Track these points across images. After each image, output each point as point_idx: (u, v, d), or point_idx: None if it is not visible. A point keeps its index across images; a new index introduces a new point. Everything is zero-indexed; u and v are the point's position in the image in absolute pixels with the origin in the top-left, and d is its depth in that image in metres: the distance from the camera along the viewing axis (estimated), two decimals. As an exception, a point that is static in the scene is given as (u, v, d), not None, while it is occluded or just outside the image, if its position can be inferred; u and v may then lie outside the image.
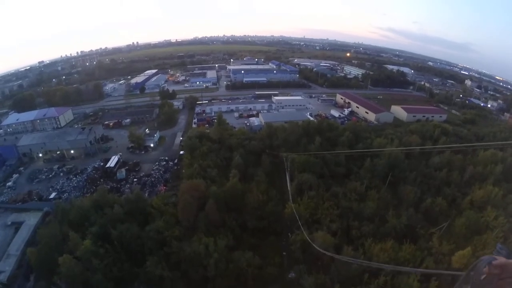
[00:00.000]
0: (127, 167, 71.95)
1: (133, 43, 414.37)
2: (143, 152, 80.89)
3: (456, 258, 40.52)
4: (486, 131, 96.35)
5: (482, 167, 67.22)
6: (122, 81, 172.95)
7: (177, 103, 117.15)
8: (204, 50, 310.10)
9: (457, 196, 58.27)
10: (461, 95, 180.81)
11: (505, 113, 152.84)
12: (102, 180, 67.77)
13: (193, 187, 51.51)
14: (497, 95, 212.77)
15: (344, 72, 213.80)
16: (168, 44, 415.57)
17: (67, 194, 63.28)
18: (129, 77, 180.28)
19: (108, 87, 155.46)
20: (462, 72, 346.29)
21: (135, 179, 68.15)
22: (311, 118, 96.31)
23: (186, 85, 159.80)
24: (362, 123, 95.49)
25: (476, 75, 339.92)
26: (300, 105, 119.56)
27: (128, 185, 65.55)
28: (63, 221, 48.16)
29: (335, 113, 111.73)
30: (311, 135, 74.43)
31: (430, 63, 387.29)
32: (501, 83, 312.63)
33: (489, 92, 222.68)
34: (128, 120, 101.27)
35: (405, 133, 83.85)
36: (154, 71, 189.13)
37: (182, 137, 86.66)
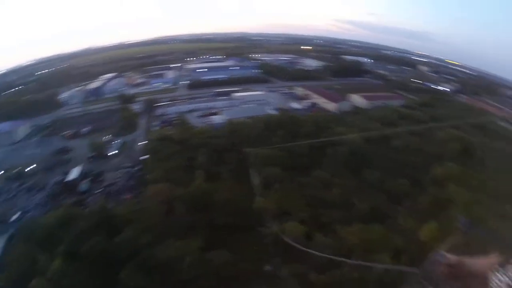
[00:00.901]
0: (90, 178, 69.00)
1: (89, 46, 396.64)
2: (105, 160, 77.91)
3: (424, 233, 42.50)
4: (442, 113, 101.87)
5: (441, 146, 71.37)
6: (80, 88, 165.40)
7: (136, 107, 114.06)
8: (164, 50, 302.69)
9: (419, 175, 61.17)
10: (416, 80, 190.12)
11: (461, 95, 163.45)
12: (65, 194, 64.42)
13: (159, 191, 50.59)
14: (451, 78, 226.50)
15: (303, 64, 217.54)
16: (127, 45, 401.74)
17: (31, 213, 59.46)
18: (87, 82, 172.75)
19: (66, 95, 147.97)
20: (416, 58, 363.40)
21: (99, 190, 65.47)
22: (273, 112, 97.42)
23: (145, 87, 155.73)
24: (323, 114, 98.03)
25: (430, 60, 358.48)
26: (261, 100, 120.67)
27: (92, 197, 62.90)
28: (30, 242, 45.21)
29: (296, 105, 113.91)
30: (274, 129, 75.39)
31: (386, 51, 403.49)
32: (455, 67, 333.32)
33: (443, 76, 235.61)
34: (87, 129, 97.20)
35: (364, 120, 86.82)
36: (112, 75, 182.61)
37: (144, 141, 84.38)
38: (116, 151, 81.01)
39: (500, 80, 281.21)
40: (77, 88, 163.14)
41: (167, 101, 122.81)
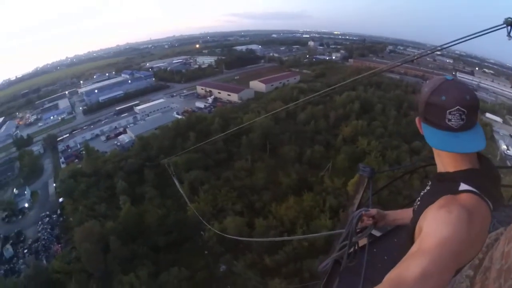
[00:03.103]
0: (11, 241, 61.19)
1: None
2: (20, 217, 69.21)
3: (350, 187, 47.72)
4: (336, 79, 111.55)
5: (343, 109, 79.42)
6: None
7: (36, 148, 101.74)
8: (49, 79, 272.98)
9: (330, 139, 68.14)
10: (307, 56, 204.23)
11: (349, 60, 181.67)
12: None
13: (87, 232, 47.04)
14: (338, 47, 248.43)
15: (198, 63, 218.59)
16: (8, 84, 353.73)
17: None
18: None
19: None
20: (304, 36, 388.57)
21: (25, 251, 58.48)
22: (179, 117, 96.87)
23: (40, 124, 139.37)
24: (228, 106, 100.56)
25: (317, 35, 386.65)
26: (165, 108, 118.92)
27: (21, 261, 56.29)
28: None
29: (200, 104, 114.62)
30: (184, 133, 75.16)
31: (274, 35, 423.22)
32: (339, 36, 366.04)
33: (331, 46, 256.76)
34: None
35: (268, 102, 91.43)
36: (0, 119, 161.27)
37: (54, 183, 77.53)
38: (28, 203, 72.81)
39: (381, 39, 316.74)
40: None
41: (67, 133, 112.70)
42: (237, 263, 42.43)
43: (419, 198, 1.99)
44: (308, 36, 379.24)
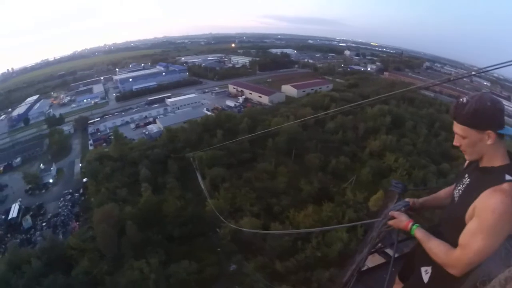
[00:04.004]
0: (31, 213, 63.56)
1: (7, 69, 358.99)
2: (43, 191, 71.97)
3: (372, 203, 47.13)
4: (370, 91, 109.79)
5: (373, 122, 77.75)
6: (2, 116, 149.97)
7: (67, 128, 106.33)
8: (86, 64, 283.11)
9: (357, 151, 66.95)
10: (342, 65, 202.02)
11: (384, 72, 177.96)
12: (9, 235, 59.01)
13: (106, 214, 48.42)
14: (374, 58, 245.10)
15: (232, 62, 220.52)
16: (46, 64, 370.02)
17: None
18: (9, 109, 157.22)
19: None
20: (340, 44, 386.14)
21: (43, 224, 60.67)
22: (209, 113, 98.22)
23: (73, 105, 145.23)
24: (258, 107, 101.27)
25: (353, 45, 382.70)
26: (195, 103, 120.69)
27: (39, 232, 58.36)
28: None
29: (230, 103, 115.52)
30: (212, 129, 75.95)
31: (310, 41, 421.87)
32: (376, 48, 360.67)
33: (367, 57, 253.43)
34: (18, 159, 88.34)
35: (298, 107, 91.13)
36: (35, 97, 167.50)
37: (81, 163, 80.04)
38: (53, 179, 75.48)
39: (418, 54, 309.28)
40: (0, 117, 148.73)
41: (99, 117, 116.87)
42: (247, 264, 42.29)
43: (460, 188, 2.67)
44: (344, 45, 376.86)
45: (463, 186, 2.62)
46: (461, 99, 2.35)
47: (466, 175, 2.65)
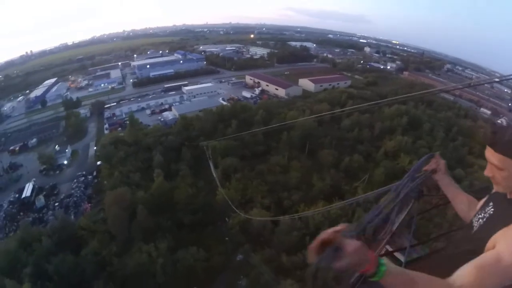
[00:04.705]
0: (44, 193, 65.17)
1: (26, 52, 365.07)
2: (57, 172, 73.75)
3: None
4: (388, 90, 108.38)
5: (389, 121, 76.89)
6: (20, 98, 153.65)
7: (83, 111, 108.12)
8: (104, 49, 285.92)
9: (372, 151, 66.25)
10: (361, 61, 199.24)
11: (404, 72, 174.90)
12: (22, 213, 60.49)
13: (118, 197, 49.35)
14: (395, 57, 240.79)
15: (250, 53, 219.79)
16: (65, 48, 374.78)
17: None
18: (27, 91, 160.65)
19: (6, 107, 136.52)
20: (360, 40, 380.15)
21: (56, 204, 62.25)
22: (224, 103, 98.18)
23: (90, 89, 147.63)
24: (274, 100, 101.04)
25: (374, 41, 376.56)
26: (212, 92, 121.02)
27: (51, 212, 59.74)
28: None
29: (246, 94, 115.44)
30: (227, 119, 76.15)
31: (330, 35, 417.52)
32: (397, 46, 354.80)
33: (387, 55, 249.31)
34: (34, 140, 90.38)
35: (314, 102, 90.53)
36: (53, 80, 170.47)
37: (95, 146, 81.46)
38: (68, 161, 77.37)
39: (439, 56, 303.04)
40: (17, 99, 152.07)
41: (115, 102, 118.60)
42: (254, 256, 42.68)
43: (481, 217, 2.30)
44: (365, 41, 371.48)
45: (486, 215, 2.24)
46: (499, 121, 2.10)
47: (491, 204, 2.27)
